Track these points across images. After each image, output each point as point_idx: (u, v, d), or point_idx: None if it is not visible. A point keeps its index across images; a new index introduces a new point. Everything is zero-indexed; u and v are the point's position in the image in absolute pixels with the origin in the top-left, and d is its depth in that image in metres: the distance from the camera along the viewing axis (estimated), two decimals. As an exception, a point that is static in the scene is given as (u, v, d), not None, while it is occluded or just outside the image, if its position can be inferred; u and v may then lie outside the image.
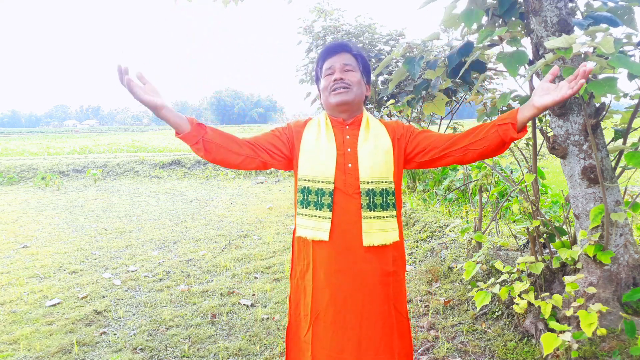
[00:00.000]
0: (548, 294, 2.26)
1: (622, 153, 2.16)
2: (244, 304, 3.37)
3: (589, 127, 2.04)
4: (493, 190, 3.41)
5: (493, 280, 2.54)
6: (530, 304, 2.43)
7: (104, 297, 3.57)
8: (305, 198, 1.59)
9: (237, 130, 36.75)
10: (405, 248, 4.50)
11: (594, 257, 2.13)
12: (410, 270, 3.88)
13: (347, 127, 1.65)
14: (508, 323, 2.68)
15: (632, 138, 2.19)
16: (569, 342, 1.90)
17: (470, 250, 3.63)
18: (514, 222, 4.17)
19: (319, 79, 1.70)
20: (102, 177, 11.19)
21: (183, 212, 7.05)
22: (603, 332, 1.94)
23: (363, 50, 1.71)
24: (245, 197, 8.44)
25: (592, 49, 1.50)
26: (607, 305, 2.09)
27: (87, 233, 5.74)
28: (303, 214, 1.60)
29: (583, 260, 2.25)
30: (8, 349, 2.74)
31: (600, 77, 1.74)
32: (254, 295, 3.55)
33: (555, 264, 2.38)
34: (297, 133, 1.67)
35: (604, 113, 2.14)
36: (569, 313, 2.06)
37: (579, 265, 2.27)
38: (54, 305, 3.39)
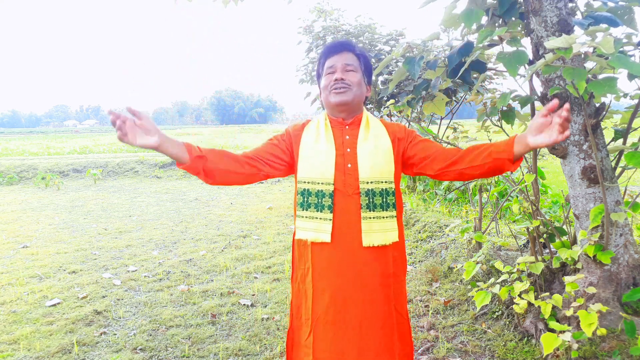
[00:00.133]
0: (548, 294, 2.26)
1: (622, 153, 2.16)
2: (244, 304, 3.37)
3: (589, 127, 2.04)
4: (493, 190, 3.41)
5: (493, 280, 2.54)
6: (530, 304, 2.43)
7: (104, 297, 3.57)
8: (306, 200, 1.59)
9: (237, 131, 36.75)
10: (406, 248, 4.49)
11: (594, 257, 2.13)
12: (410, 270, 3.88)
13: (346, 127, 1.64)
14: (508, 323, 2.68)
15: (632, 138, 2.19)
16: (569, 342, 1.90)
17: (470, 250, 3.63)
18: (514, 222, 4.17)
19: (320, 77, 1.69)
20: (102, 177, 11.19)
21: (183, 212, 7.05)
22: (603, 332, 1.94)
23: (363, 51, 1.71)
24: (245, 197, 8.45)
25: (592, 49, 1.50)
26: (607, 305, 2.09)
27: (87, 233, 5.74)
28: (303, 216, 1.60)
29: (583, 260, 2.25)
30: (8, 349, 2.74)
31: (600, 77, 1.74)
32: (254, 295, 3.55)
33: (555, 264, 2.38)
34: (295, 137, 1.66)
35: (604, 113, 2.14)
36: (569, 313, 2.06)
37: (579, 265, 2.27)
38: (54, 305, 3.39)
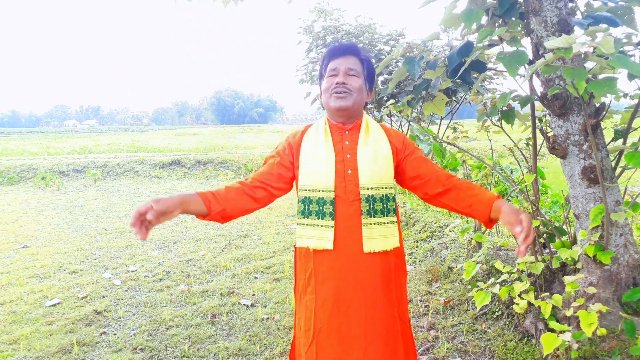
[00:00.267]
0: (548, 294, 2.26)
1: (622, 153, 2.16)
2: (244, 304, 3.37)
3: (589, 127, 2.04)
4: (493, 190, 3.41)
5: (493, 280, 2.54)
6: (530, 304, 2.43)
7: (104, 297, 3.57)
8: (307, 208, 1.59)
9: (237, 131, 36.68)
10: (405, 248, 4.49)
11: (594, 257, 2.13)
12: (410, 270, 3.88)
13: (346, 132, 1.63)
14: (508, 323, 2.68)
15: (632, 138, 2.19)
16: (569, 342, 1.90)
17: (470, 250, 3.63)
18: (514, 222, 4.15)
19: (323, 78, 1.68)
20: (102, 177, 11.19)
21: (183, 212, 7.04)
22: (603, 332, 1.94)
23: (363, 51, 1.70)
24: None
25: (592, 49, 1.50)
26: (607, 305, 2.09)
27: (87, 233, 5.74)
28: (305, 224, 1.59)
29: (583, 260, 2.25)
30: (8, 349, 2.74)
31: (600, 77, 1.74)
32: (254, 295, 3.55)
33: (555, 264, 2.38)
34: (296, 146, 1.66)
35: (604, 113, 2.14)
36: (569, 313, 2.06)
37: (579, 265, 2.27)
38: (54, 305, 3.39)
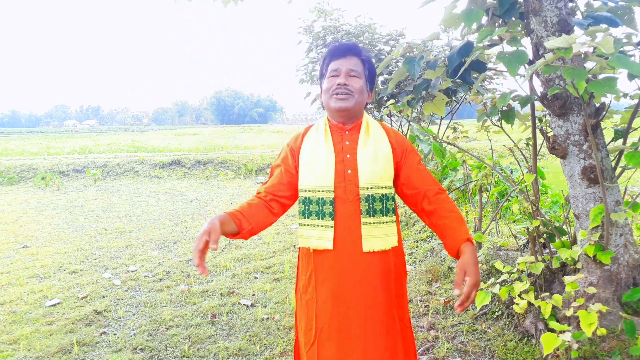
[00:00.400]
0: (548, 294, 2.26)
1: (622, 153, 2.16)
2: (244, 304, 3.37)
3: (589, 127, 2.04)
4: (493, 190, 3.41)
5: (493, 280, 2.54)
6: (530, 304, 2.43)
7: (104, 297, 3.57)
8: (307, 208, 1.60)
9: (237, 131, 36.72)
10: (405, 248, 4.50)
11: (594, 257, 2.13)
12: (410, 270, 3.88)
13: (346, 132, 1.63)
14: (508, 323, 2.68)
15: (632, 138, 2.19)
16: (569, 342, 1.90)
17: (470, 250, 3.63)
18: (514, 222, 4.16)
19: (323, 77, 1.68)
20: (102, 177, 11.19)
21: (183, 212, 7.05)
22: (603, 332, 1.94)
23: (363, 51, 1.70)
24: (245, 197, 8.44)
25: (592, 49, 1.50)
26: (607, 305, 2.09)
27: (87, 233, 5.75)
28: (305, 224, 1.60)
29: (583, 260, 2.25)
30: (8, 349, 2.74)
31: (600, 77, 1.74)
32: (254, 295, 3.55)
33: (555, 264, 2.38)
34: (297, 149, 1.67)
35: (604, 113, 2.14)
36: (569, 313, 2.06)
37: (579, 265, 2.27)
38: (54, 305, 3.40)
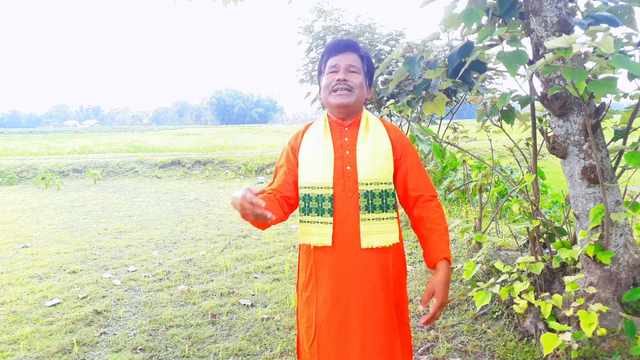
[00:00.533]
0: (548, 294, 2.26)
1: (622, 153, 2.16)
2: (244, 304, 3.37)
3: (589, 127, 2.04)
4: (493, 190, 3.41)
5: (493, 280, 2.54)
6: (530, 304, 2.43)
7: (104, 297, 3.57)
8: (307, 205, 1.60)
9: (237, 131, 36.69)
10: (405, 248, 4.50)
11: (594, 257, 2.13)
12: (410, 270, 3.88)
13: (345, 128, 1.63)
14: (508, 323, 2.68)
15: (632, 138, 2.19)
16: (569, 342, 1.90)
17: (470, 250, 3.64)
18: (514, 222, 4.17)
19: (322, 74, 1.67)
20: (102, 177, 11.19)
21: (183, 212, 7.05)
22: (603, 332, 1.94)
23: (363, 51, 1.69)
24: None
25: (592, 49, 1.50)
26: (607, 305, 2.09)
27: (87, 233, 5.75)
28: (305, 221, 1.60)
29: (583, 260, 2.25)
30: (8, 349, 2.74)
31: (600, 77, 1.74)
32: (254, 295, 3.55)
33: (555, 264, 2.38)
34: (298, 147, 1.67)
35: (604, 113, 2.14)
36: (569, 313, 2.06)
37: (579, 265, 2.27)
38: (54, 305, 3.39)
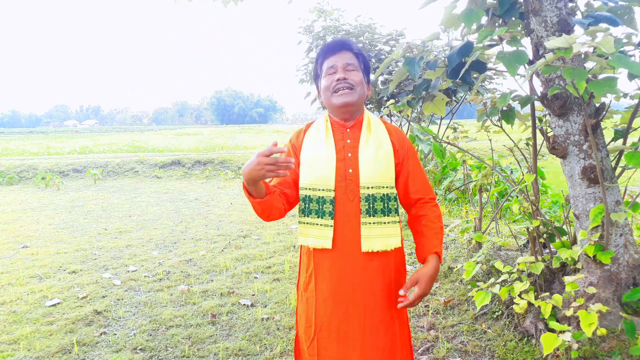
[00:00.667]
0: (548, 294, 2.26)
1: (622, 153, 2.16)
2: (244, 304, 3.37)
3: (589, 127, 2.04)
4: (493, 190, 3.41)
5: (493, 280, 2.54)
6: (530, 304, 2.43)
7: (104, 297, 3.57)
8: (307, 206, 1.58)
9: (237, 131, 36.71)
10: (405, 248, 4.50)
11: (594, 257, 2.13)
12: (410, 270, 3.87)
13: (347, 130, 1.61)
14: (508, 323, 2.68)
15: (632, 138, 2.19)
16: (569, 342, 1.90)
17: (470, 250, 3.64)
18: (514, 222, 4.17)
19: (319, 78, 1.65)
20: (102, 177, 11.19)
21: (183, 212, 7.05)
22: (603, 332, 1.94)
23: (363, 50, 1.69)
24: (245, 197, 8.44)
25: (592, 49, 1.50)
26: (607, 305, 2.09)
27: (87, 233, 5.74)
28: (305, 222, 1.59)
29: (583, 260, 2.25)
30: (8, 349, 2.74)
31: (600, 77, 1.73)
32: (254, 295, 3.55)
33: (555, 264, 2.38)
34: (299, 146, 1.65)
35: (604, 113, 2.14)
36: (569, 313, 2.06)
37: (579, 265, 2.27)
38: (54, 305, 3.39)
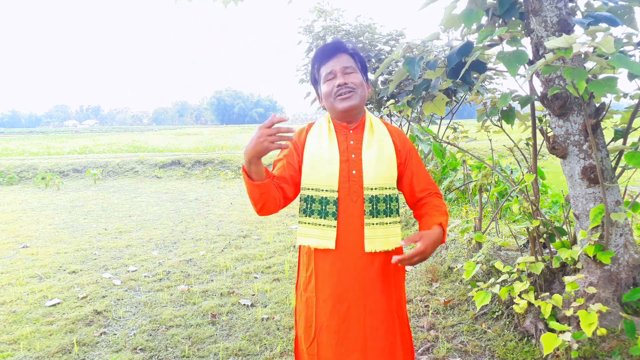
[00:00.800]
0: (548, 294, 2.26)
1: (622, 153, 2.16)
2: (244, 304, 3.37)
3: (589, 127, 2.04)
4: (493, 190, 3.41)
5: (493, 280, 2.54)
6: (530, 304, 2.43)
7: (104, 297, 3.57)
8: (309, 207, 1.57)
9: (237, 131, 36.71)
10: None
11: (594, 257, 2.13)
12: (410, 270, 3.88)
13: (350, 131, 1.61)
14: (508, 323, 2.68)
15: (632, 138, 2.19)
16: (569, 342, 1.90)
17: (470, 250, 3.64)
18: (514, 222, 4.16)
19: (317, 83, 1.65)
20: (102, 177, 11.19)
21: (183, 212, 7.05)
22: (603, 332, 1.94)
23: (362, 51, 1.69)
24: (245, 197, 8.44)
25: (592, 49, 1.50)
26: (607, 305, 2.09)
27: (87, 233, 5.74)
28: (306, 223, 1.58)
29: (583, 260, 2.25)
30: (8, 349, 2.74)
31: (600, 77, 1.73)
32: (254, 295, 3.55)
33: (555, 264, 2.38)
34: (301, 145, 1.64)
35: (604, 113, 2.14)
36: (569, 313, 2.06)
37: (579, 265, 2.27)
38: (54, 305, 3.39)
